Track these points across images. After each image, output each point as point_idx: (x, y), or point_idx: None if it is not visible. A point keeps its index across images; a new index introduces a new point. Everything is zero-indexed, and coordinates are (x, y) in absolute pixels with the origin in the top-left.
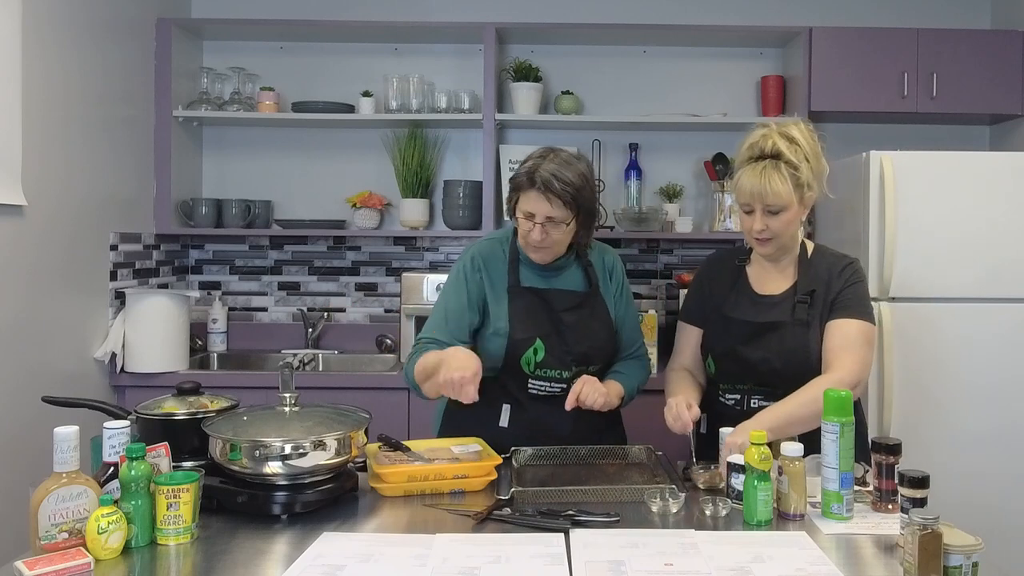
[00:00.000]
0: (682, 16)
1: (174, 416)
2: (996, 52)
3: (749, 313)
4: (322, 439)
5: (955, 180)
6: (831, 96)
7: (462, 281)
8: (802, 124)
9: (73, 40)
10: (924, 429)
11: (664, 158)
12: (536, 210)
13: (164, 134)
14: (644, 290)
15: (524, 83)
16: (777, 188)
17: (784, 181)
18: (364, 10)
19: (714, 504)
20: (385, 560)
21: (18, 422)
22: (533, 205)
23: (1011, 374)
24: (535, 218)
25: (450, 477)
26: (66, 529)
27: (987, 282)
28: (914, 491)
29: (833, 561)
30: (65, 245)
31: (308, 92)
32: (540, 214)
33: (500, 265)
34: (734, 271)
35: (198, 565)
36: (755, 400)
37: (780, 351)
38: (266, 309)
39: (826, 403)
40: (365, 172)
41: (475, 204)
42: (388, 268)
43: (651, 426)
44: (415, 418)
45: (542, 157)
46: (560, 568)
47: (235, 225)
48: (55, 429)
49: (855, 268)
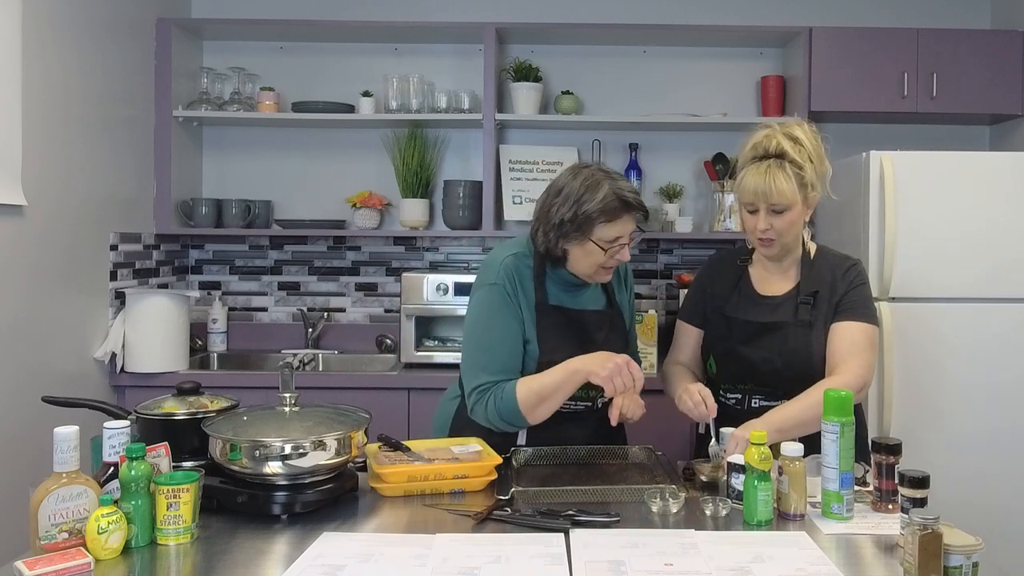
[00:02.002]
0: (682, 16)
1: (174, 416)
2: (996, 52)
3: (751, 313)
4: (322, 439)
5: (955, 180)
6: (831, 96)
7: (506, 298)
8: (806, 125)
9: (73, 40)
10: (924, 429)
11: (664, 158)
12: (626, 231)
13: (164, 134)
14: (644, 290)
15: (524, 83)
16: (782, 187)
17: (788, 180)
18: (364, 10)
19: (714, 504)
20: (385, 560)
21: (18, 422)
22: (623, 228)
23: (1011, 374)
24: (621, 239)
25: (450, 477)
26: (66, 529)
27: (987, 282)
28: (914, 491)
29: (833, 561)
30: (65, 245)
31: (308, 92)
32: (627, 234)
33: (528, 283)
34: (736, 272)
35: (198, 565)
36: (756, 400)
37: (782, 351)
38: (266, 309)
39: (826, 403)
40: (365, 172)
41: (475, 204)
42: (388, 268)
43: (651, 426)
44: (415, 418)
45: (600, 181)
46: (560, 568)
47: (235, 225)
48: (55, 429)
49: (859, 270)
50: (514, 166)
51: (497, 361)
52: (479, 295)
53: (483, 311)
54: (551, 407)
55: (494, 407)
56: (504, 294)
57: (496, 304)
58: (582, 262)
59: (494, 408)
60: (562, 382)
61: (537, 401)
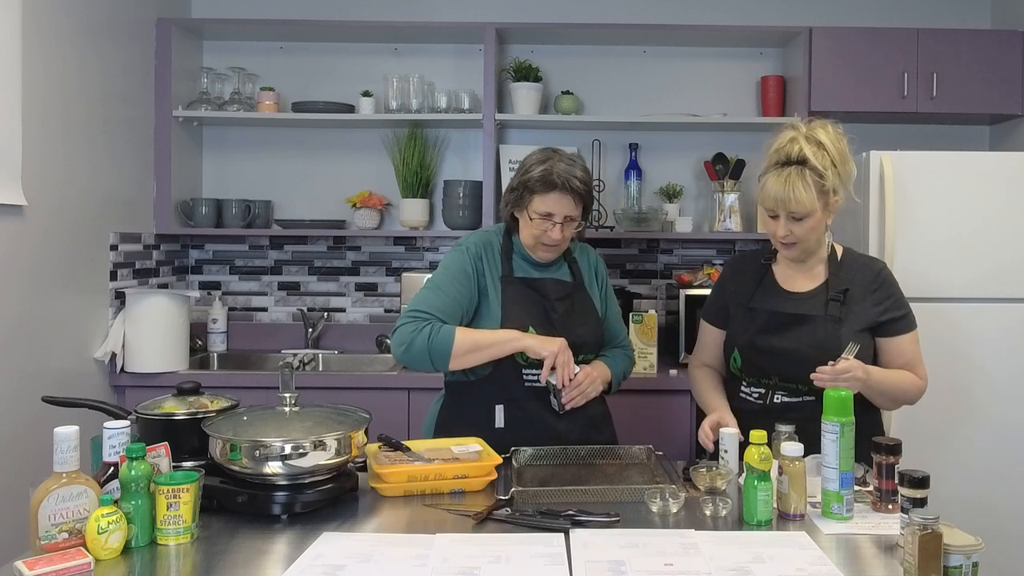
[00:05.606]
0: (682, 16)
1: (174, 416)
2: (996, 52)
3: (779, 305)
4: (322, 439)
5: (955, 180)
6: (831, 96)
7: (467, 260)
8: (830, 127)
9: (73, 40)
10: (924, 429)
11: (664, 158)
12: (556, 210)
13: (164, 134)
14: (644, 290)
15: (524, 83)
16: (801, 196)
17: (808, 189)
18: (364, 10)
19: (714, 504)
20: (385, 560)
21: (18, 422)
22: (553, 205)
23: (1011, 374)
24: (554, 218)
25: (450, 477)
26: (66, 529)
27: (987, 282)
28: (914, 491)
29: (833, 561)
30: (65, 245)
31: (308, 92)
32: (560, 213)
33: (495, 256)
34: (759, 270)
35: (198, 565)
36: (779, 396)
37: (811, 343)
38: (266, 309)
39: (826, 403)
40: (365, 172)
41: (475, 204)
42: (388, 268)
43: (650, 426)
44: (415, 418)
45: (550, 159)
46: (560, 568)
47: (235, 225)
48: (55, 429)
49: (889, 272)
50: (514, 166)
51: (444, 302)
52: (449, 255)
53: (447, 264)
54: (478, 358)
55: (427, 338)
56: (467, 257)
57: (458, 262)
58: (524, 232)
59: (426, 339)
60: (499, 341)
61: (471, 348)
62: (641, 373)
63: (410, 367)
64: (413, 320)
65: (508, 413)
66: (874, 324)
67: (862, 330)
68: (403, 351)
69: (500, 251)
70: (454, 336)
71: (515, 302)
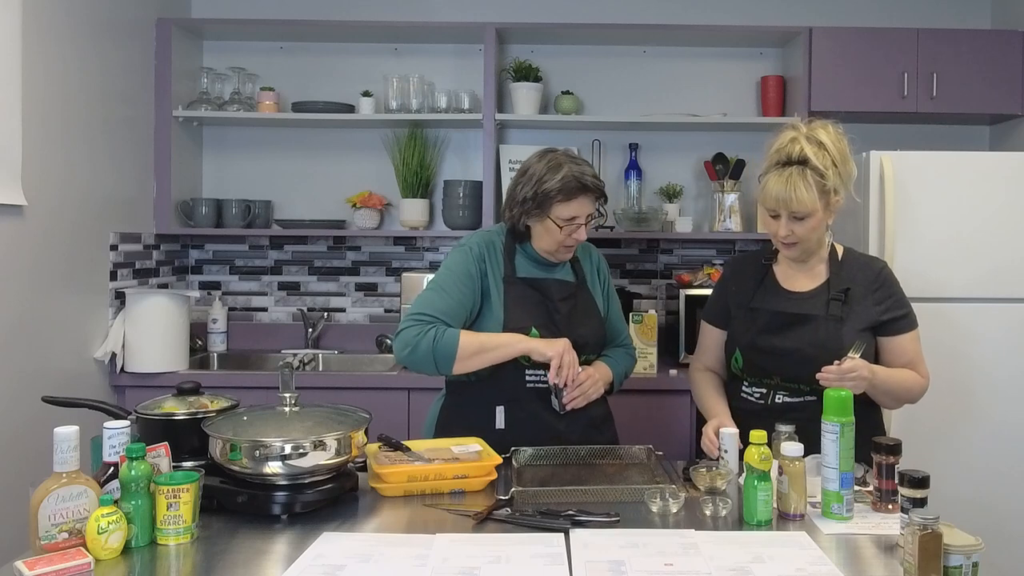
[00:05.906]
0: (682, 16)
1: (174, 416)
2: (996, 52)
3: (780, 305)
4: (322, 439)
5: (955, 180)
6: (831, 96)
7: (470, 261)
8: (830, 126)
9: (73, 40)
10: (924, 429)
11: (664, 158)
12: (580, 212)
13: (164, 134)
14: (644, 290)
15: (524, 83)
16: (802, 196)
17: (809, 189)
18: (364, 10)
19: (714, 504)
20: (385, 560)
21: (18, 422)
22: (577, 208)
23: (1011, 374)
24: (578, 219)
25: (450, 477)
26: (66, 529)
27: (987, 282)
28: (914, 491)
29: (833, 561)
30: (65, 245)
31: (308, 92)
32: (583, 215)
33: (499, 256)
34: (759, 270)
35: (198, 565)
36: (780, 396)
37: (813, 342)
38: (266, 309)
39: (826, 403)
40: (365, 172)
41: (475, 204)
42: (388, 268)
43: (650, 426)
44: (415, 418)
45: (560, 164)
46: (560, 568)
47: (235, 225)
48: (55, 429)
49: (890, 271)
50: (514, 166)
51: (448, 304)
52: (451, 254)
53: (450, 265)
54: (483, 362)
55: (431, 341)
56: (471, 258)
57: (462, 263)
58: (543, 239)
59: (431, 342)
60: (504, 344)
61: (475, 351)
62: (641, 373)
63: (413, 370)
64: (417, 323)
65: (509, 414)
66: (875, 323)
67: (863, 329)
68: (407, 354)
69: (503, 251)
70: (459, 340)
71: (518, 302)
